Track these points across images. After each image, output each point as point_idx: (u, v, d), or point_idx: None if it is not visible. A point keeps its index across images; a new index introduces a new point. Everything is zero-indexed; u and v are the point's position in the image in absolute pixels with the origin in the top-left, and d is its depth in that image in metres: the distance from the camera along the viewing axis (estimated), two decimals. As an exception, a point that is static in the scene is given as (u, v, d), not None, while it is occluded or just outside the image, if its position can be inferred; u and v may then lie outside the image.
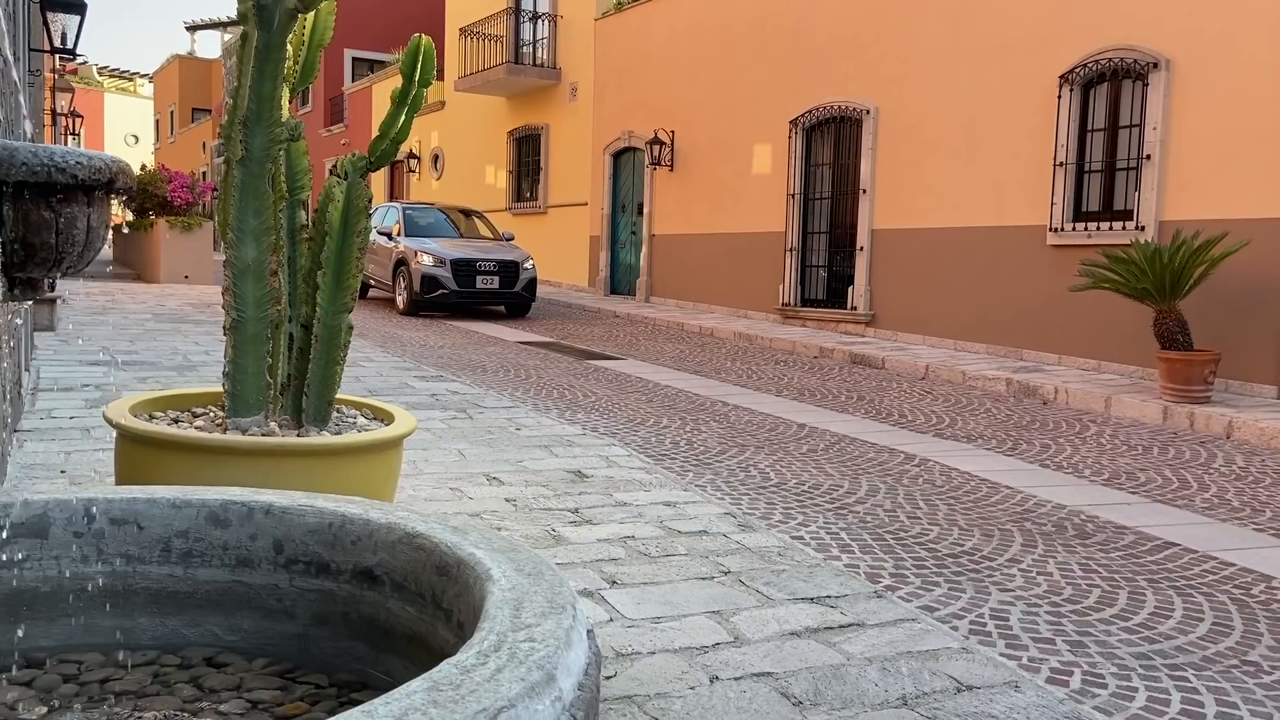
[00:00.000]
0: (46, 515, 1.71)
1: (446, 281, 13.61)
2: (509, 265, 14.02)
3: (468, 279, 13.72)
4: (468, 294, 13.77)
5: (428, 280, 13.63)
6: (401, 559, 1.60)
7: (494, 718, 0.96)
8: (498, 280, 13.89)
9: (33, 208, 1.09)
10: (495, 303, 14.21)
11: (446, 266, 13.65)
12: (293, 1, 2.56)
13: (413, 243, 14.25)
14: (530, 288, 14.27)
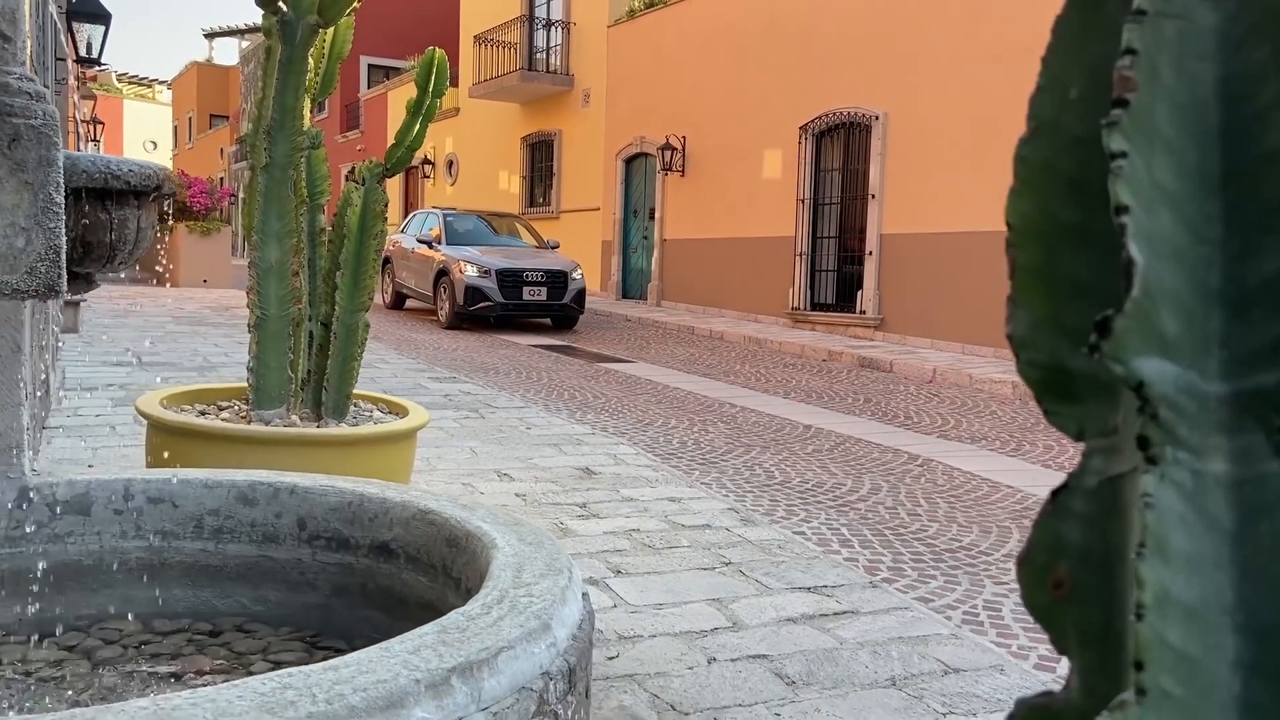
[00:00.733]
0: (89, 494, 1.86)
1: (491, 293, 12.69)
2: (557, 275, 13.08)
3: (514, 290, 12.82)
4: (514, 306, 12.86)
5: (471, 291, 12.72)
6: (415, 533, 1.74)
7: (495, 655, 1.09)
8: (545, 291, 12.96)
9: (91, 210, 1.24)
10: (542, 315, 13.27)
11: (492, 277, 12.74)
12: (314, 17, 2.71)
13: (455, 251, 13.36)
14: (579, 299, 13.30)
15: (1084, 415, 0.33)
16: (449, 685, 1.03)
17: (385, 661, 1.04)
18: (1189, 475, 0.29)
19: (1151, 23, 0.29)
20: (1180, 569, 0.28)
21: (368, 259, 2.97)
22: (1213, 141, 0.30)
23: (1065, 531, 0.32)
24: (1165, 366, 0.29)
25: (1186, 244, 0.29)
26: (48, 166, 1.16)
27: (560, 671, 1.19)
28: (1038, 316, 0.33)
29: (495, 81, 20.28)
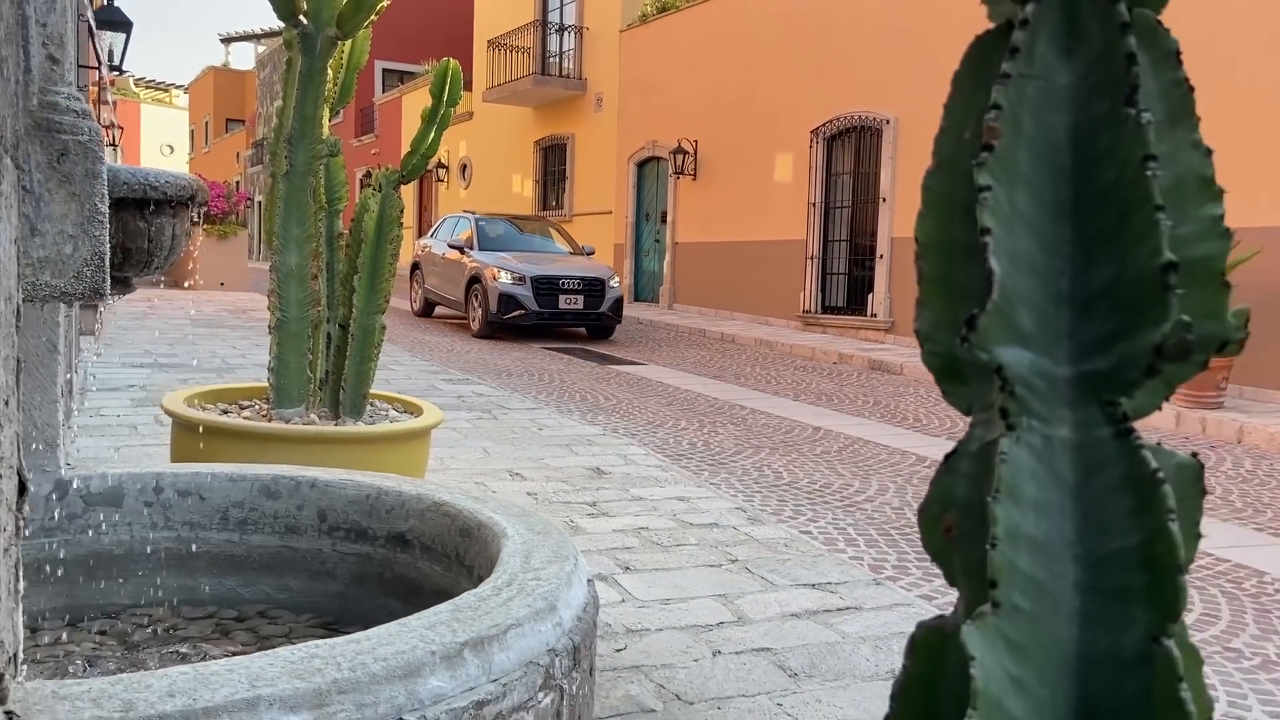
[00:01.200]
0: (121, 487, 1.96)
1: (526, 301, 12.08)
2: (594, 283, 12.46)
3: (550, 298, 12.21)
4: (549, 315, 12.22)
5: (505, 299, 12.08)
6: (430, 525, 1.83)
7: (504, 631, 1.18)
8: (582, 300, 12.36)
9: (130, 218, 1.33)
10: (578, 324, 12.65)
11: (527, 284, 12.12)
12: (333, 30, 2.80)
13: (488, 257, 12.72)
14: (617, 308, 12.64)
15: (971, 394, 0.41)
16: (461, 658, 1.12)
17: (403, 635, 1.13)
18: (1040, 439, 0.37)
19: (1015, 83, 0.38)
20: (1029, 511, 0.36)
21: (384, 263, 3.07)
22: (1064, 177, 0.38)
23: (953, 486, 0.40)
24: (1021, 354, 0.37)
25: (1041, 258, 0.38)
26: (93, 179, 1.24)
27: (566, 649, 1.27)
28: (938, 316, 0.41)
29: (508, 86, 20.42)
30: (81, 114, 1.25)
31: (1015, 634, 0.35)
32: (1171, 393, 0.42)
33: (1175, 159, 0.39)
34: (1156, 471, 0.37)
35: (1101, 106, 0.37)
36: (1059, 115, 0.38)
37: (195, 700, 0.95)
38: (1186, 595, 0.35)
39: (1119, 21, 0.37)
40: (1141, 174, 0.36)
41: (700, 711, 2.48)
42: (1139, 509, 0.36)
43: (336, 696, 1.00)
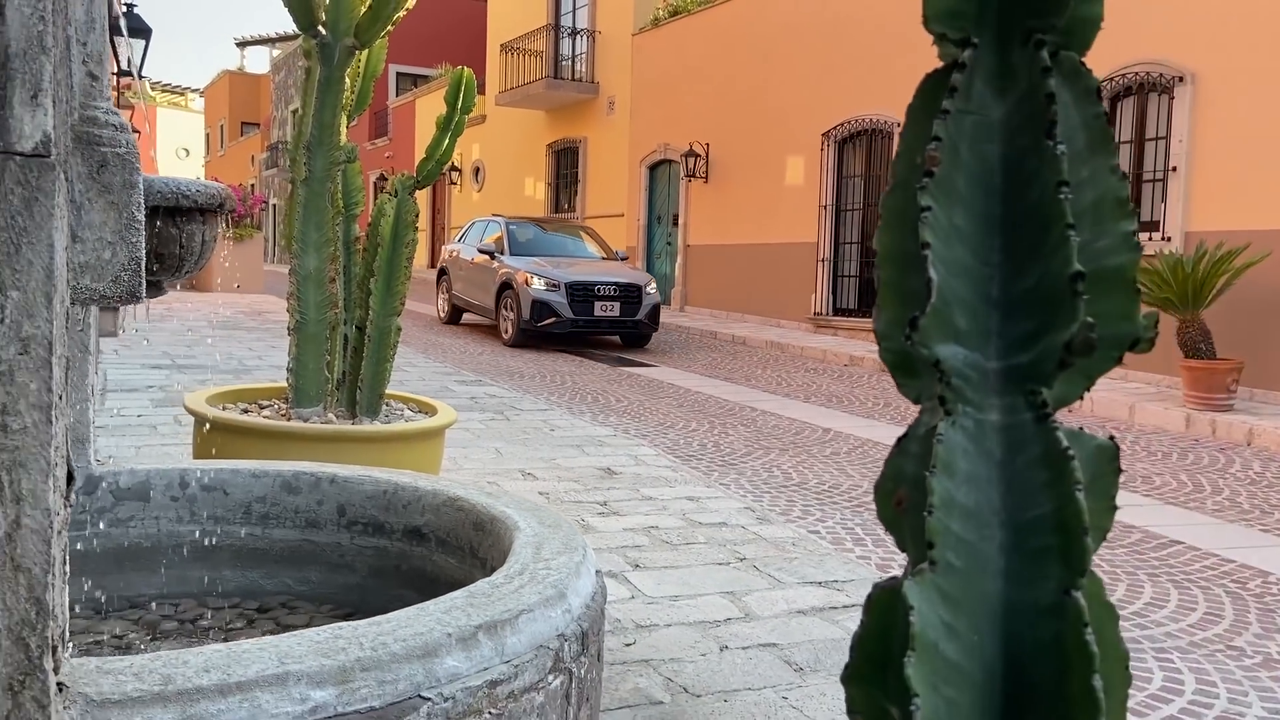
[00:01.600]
0: (149, 482, 2.03)
1: (561, 308, 11.54)
2: (630, 289, 11.93)
3: (585, 305, 11.67)
4: (584, 322, 11.69)
5: (539, 306, 11.56)
6: (445, 519, 1.90)
7: (516, 616, 1.25)
8: (618, 307, 11.83)
9: (163, 225, 1.41)
10: (613, 331, 12.14)
11: (561, 290, 11.60)
12: (351, 40, 2.88)
13: (520, 263, 12.19)
14: (654, 315, 12.12)
15: (920, 386, 0.47)
16: (476, 640, 1.19)
17: (421, 619, 1.20)
18: (972, 423, 0.43)
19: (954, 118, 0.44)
20: (962, 483, 0.42)
21: (399, 266, 3.14)
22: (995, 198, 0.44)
23: (904, 465, 0.46)
24: (957, 350, 0.43)
25: (975, 267, 0.44)
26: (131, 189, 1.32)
27: (574, 634, 1.34)
28: (892, 317, 0.47)
29: (521, 89, 20.53)
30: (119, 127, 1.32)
31: (949, 588, 0.41)
32: (1091, 385, 0.48)
33: (1095, 182, 0.45)
34: (1067, 449, 0.43)
35: (1027, 138, 0.43)
36: (992, 145, 0.44)
37: (229, 675, 1.02)
38: (1091, 554, 0.41)
39: (1041, 66, 0.43)
40: (1056, 197, 0.42)
41: (707, 704, 2.54)
42: (1052, 481, 0.43)
43: (359, 673, 1.07)
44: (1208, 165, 9.03)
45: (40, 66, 0.79)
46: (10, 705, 0.82)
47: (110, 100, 1.36)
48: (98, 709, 0.97)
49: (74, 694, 0.96)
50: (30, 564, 0.81)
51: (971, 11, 0.46)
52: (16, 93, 0.78)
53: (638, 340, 12.38)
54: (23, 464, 0.80)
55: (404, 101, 29.09)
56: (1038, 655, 0.40)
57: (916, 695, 0.39)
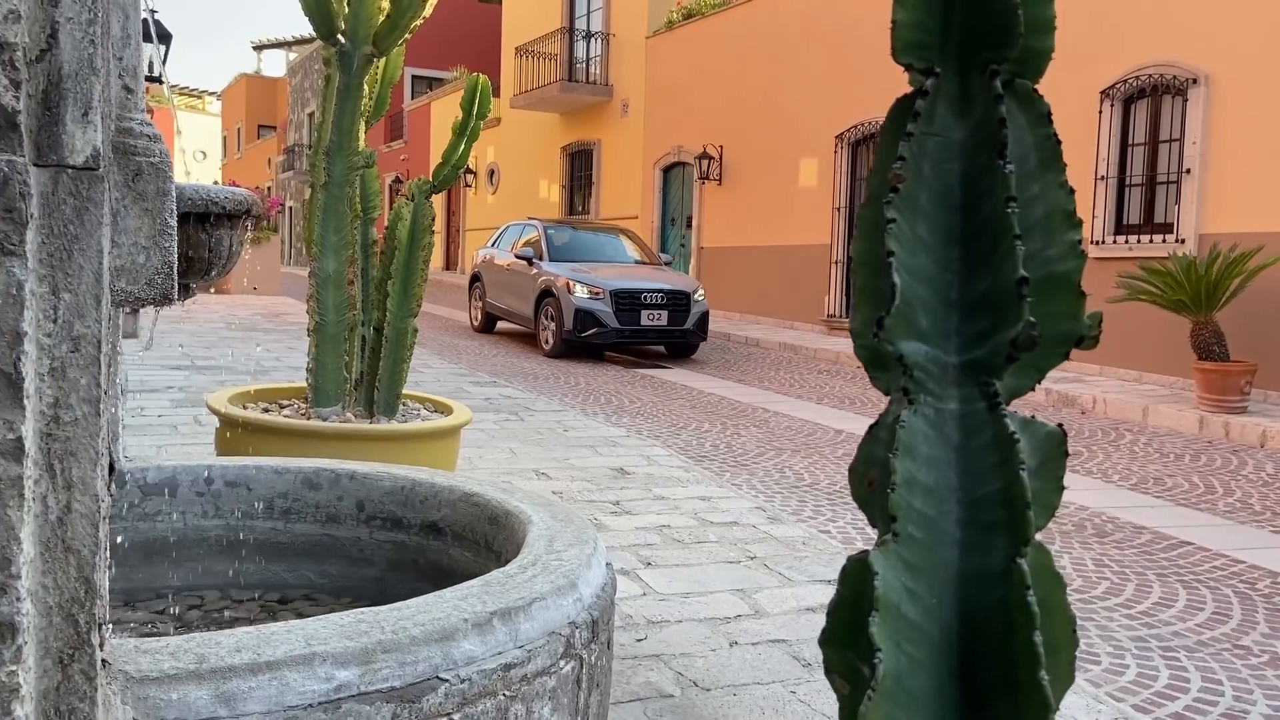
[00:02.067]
0: (175, 478, 2.10)
1: (605, 317, 10.84)
2: (678, 297, 11.17)
3: (631, 314, 10.94)
4: (631, 332, 10.95)
5: (582, 315, 10.86)
6: (461, 514, 1.96)
7: (529, 604, 1.31)
8: (665, 315, 11.08)
9: (193, 230, 1.48)
10: (659, 341, 11.37)
11: (606, 298, 10.88)
12: (369, 48, 2.96)
13: (561, 269, 11.51)
14: (702, 324, 11.42)
15: (889, 379, 0.53)
16: (491, 625, 1.25)
17: (439, 605, 1.26)
18: (932, 411, 0.49)
19: (917, 140, 0.50)
20: (922, 464, 0.48)
21: (416, 268, 3.21)
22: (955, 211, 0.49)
23: (874, 450, 0.52)
24: (919, 346, 0.49)
25: (935, 273, 0.49)
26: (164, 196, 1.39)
27: (585, 622, 1.40)
28: (865, 317, 0.53)
29: (536, 92, 20.64)
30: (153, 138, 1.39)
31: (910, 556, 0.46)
32: (1042, 377, 0.53)
33: (1046, 197, 0.50)
34: (1013, 434, 0.48)
35: (982, 158, 0.49)
36: (953, 164, 0.50)
37: (259, 655, 1.08)
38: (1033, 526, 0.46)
39: (994, 94, 0.49)
40: (1005, 211, 0.47)
41: (716, 697, 2.60)
42: (1001, 462, 0.48)
43: (381, 655, 1.13)
44: (1222, 167, 9.02)
45: (90, 86, 0.85)
46: (60, 677, 0.88)
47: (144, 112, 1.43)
48: (137, 685, 1.04)
49: (115, 670, 1.03)
50: (80, 546, 0.87)
51: (935, 44, 0.51)
52: (69, 110, 0.84)
53: (685, 350, 11.61)
54: (74, 453, 0.87)
55: (419, 104, 29.25)
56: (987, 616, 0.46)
57: (880, 651, 0.45)
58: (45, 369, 0.84)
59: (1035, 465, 0.50)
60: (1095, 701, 2.75)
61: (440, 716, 1.16)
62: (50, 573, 0.86)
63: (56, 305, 0.84)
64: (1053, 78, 3.31)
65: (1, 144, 0.78)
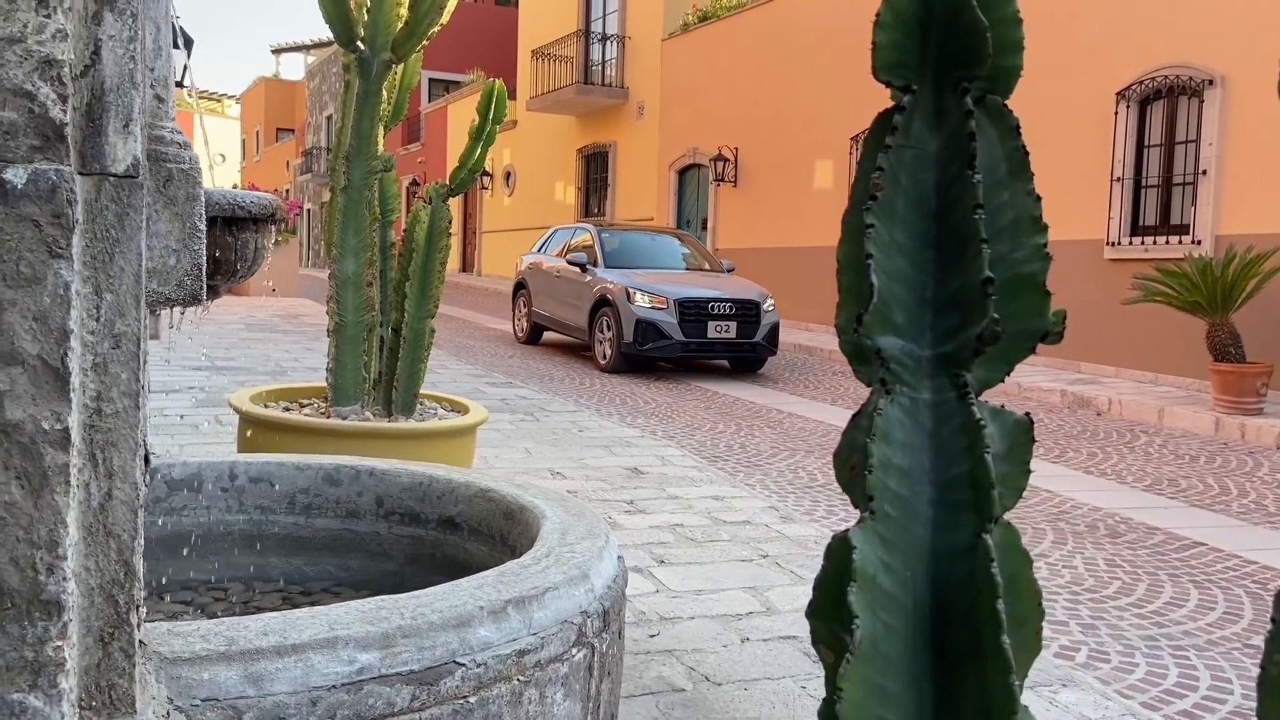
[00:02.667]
0: (200, 474, 2.17)
1: (669, 329, 9.84)
2: (747, 306, 10.22)
3: (697, 325, 9.98)
4: (696, 345, 9.97)
5: (644, 327, 9.85)
6: (477, 509, 2.01)
7: (543, 593, 1.36)
8: (734, 327, 10.12)
9: (221, 234, 1.53)
10: (727, 355, 10.39)
11: (670, 308, 9.90)
12: (388, 54, 3.02)
13: (619, 276, 10.51)
14: (772, 336, 10.36)
15: (871, 373, 0.57)
16: (505, 613, 1.30)
17: (456, 593, 1.31)
18: (907, 400, 0.53)
19: (895, 151, 0.54)
20: (898, 449, 0.52)
21: (434, 270, 3.28)
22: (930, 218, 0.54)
23: (857, 437, 0.56)
24: (895, 341, 0.53)
25: (911, 274, 0.54)
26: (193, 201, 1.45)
27: (596, 612, 1.45)
28: (849, 315, 0.57)
29: (552, 95, 20.73)
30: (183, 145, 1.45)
31: (886, 533, 0.51)
32: (1010, 369, 0.58)
33: (1015, 203, 0.55)
34: (979, 421, 0.53)
35: (954, 168, 0.53)
36: (928, 173, 0.54)
37: (286, 638, 1.14)
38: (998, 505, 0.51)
39: (965, 109, 0.53)
40: (973, 218, 0.52)
41: (728, 692, 2.64)
42: (968, 447, 0.52)
43: (400, 640, 1.19)
44: (1238, 168, 8.99)
45: (131, 100, 0.91)
46: (101, 654, 0.94)
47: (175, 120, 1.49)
48: (170, 665, 1.09)
49: (150, 651, 1.08)
50: (120, 530, 0.93)
51: (913, 63, 0.56)
52: (111, 122, 0.90)
53: (753, 365, 10.61)
54: (114, 444, 0.92)
55: (436, 107, 29.41)
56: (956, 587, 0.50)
57: (858, 618, 0.49)
58: (89, 364, 0.90)
59: (1004, 450, 0.54)
60: (1103, 698, 2.78)
61: (457, 699, 1.21)
62: (93, 555, 0.92)
63: (99, 304, 0.90)
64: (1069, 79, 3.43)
65: (50, 154, 0.84)
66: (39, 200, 0.83)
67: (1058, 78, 10.72)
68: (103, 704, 0.92)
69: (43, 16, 0.82)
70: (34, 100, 0.82)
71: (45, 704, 0.86)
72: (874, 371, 0.56)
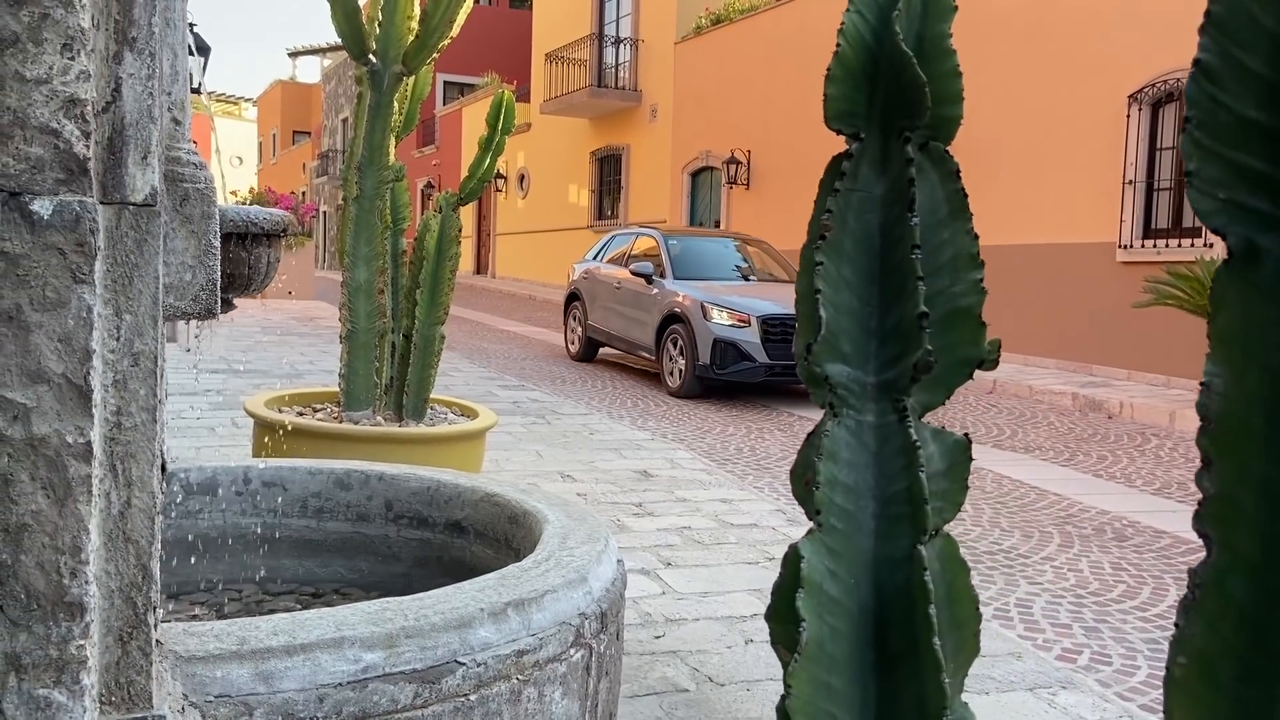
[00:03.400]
0: (216, 478, 2.23)
1: (752, 350, 8.65)
2: None
3: (783, 346, 8.72)
4: (783, 369, 8.69)
5: (723, 347, 8.66)
6: (482, 513, 2.07)
7: (541, 595, 1.41)
8: None
9: (234, 249, 1.60)
10: None
11: (753, 327, 8.69)
12: (399, 67, 3.08)
13: (691, 289, 9.27)
14: None
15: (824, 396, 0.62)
16: (505, 615, 1.35)
17: (458, 595, 1.37)
18: (853, 422, 0.58)
19: (843, 194, 0.59)
20: (844, 467, 0.58)
21: (444, 278, 3.34)
22: (875, 256, 0.59)
23: (811, 454, 0.61)
24: (842, 368, 0.59)
25: (857, 307, 0.59)
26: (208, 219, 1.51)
27: (594, 614, 1.50)
28: (803, 343, 0.62)
29: (565, 98, 20.82)
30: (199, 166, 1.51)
31: (833, 544, 0.56)
32: (950, 393, 0.63)
33: (955, 241, 0.60)
34: (915, 442, 0.58)
35: (896, 211, 0.58)
36: (873, 215, 0.59)
37: (294, 638, 1.20)
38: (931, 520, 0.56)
39: (907, 157, 0.58)
40: (910, 257, 0.57)
41: (730, 692, 2.69)
42: (906, 466, 0.57)
43: (404, 640, 1.25)
44: (1251, 171, 8.97)
45: (149, 133, 0.97)
46: (120, 652, 1.00)
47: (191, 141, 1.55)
48: (185, 663, 1.15)
49: (166, 650, 1.14)
50: (138, 536, 0.99)
51: (861, 113, 0.61)
52: (130, 155, 0.96)
53: None
54: (133, 455, 0.98)
55: (451, 110, 29.56)
56: (895, 593, 0.55)
57: (804, 621, 0.54)
58: (110, 381, 0.96)
59: (944, 468, 0.59)
60: (1102, 700, 2.81)
61: (458, 697, 1.27)
62: (113, 560, 0.98)
63: (119, 325, 0.96)
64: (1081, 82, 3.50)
65: (74, 186, 0.90)
66: (64, 230, 0.89)
67: (1070, 81, 10.71)
68: (122, 699, 0.98)
69: (67, 59, 0.88)
70: (59, 137, 0.88)
71: (69, 699, 0.92)
72: (824, 396, 0.61)
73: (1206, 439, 0.47)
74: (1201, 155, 0.52)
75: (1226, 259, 0.57)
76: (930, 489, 0.55)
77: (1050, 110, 10.95)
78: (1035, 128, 11.13)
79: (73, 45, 0.88)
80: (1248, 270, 0.51)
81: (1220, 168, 0.52)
